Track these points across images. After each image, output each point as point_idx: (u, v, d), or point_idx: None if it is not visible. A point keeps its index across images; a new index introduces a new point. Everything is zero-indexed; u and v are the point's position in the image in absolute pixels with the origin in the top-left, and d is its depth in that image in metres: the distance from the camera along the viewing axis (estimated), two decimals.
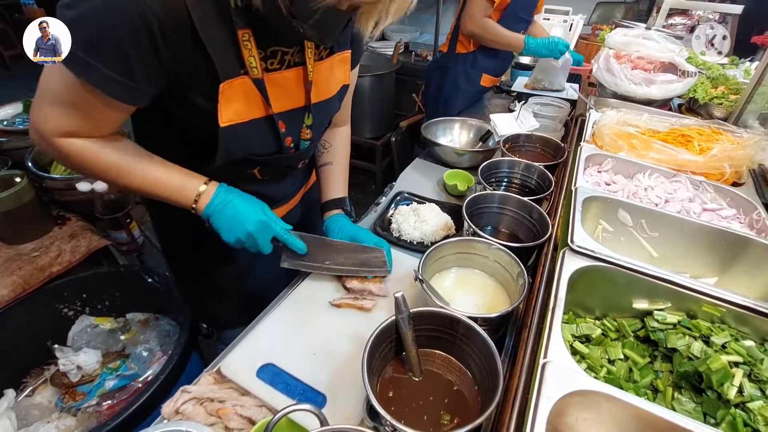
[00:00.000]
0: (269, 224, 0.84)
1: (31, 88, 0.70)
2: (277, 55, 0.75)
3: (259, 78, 0.72)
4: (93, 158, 0.73)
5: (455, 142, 1.73)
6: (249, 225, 0.80)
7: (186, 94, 0.70)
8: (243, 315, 1.11)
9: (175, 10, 0.60)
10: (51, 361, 1.42)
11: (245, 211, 0.81)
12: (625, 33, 1.79)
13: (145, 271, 1.49)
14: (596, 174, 1.10)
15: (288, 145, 0.86)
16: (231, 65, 0.69)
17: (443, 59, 2.25)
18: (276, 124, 0.79)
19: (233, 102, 0.72)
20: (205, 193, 0.79)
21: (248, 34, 0.68)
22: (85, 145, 0.72)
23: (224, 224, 0.80)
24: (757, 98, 1.42)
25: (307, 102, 0.84)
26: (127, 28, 0.58)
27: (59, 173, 1.70)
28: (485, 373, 0.66)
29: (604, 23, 3.38)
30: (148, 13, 0.57)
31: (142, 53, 0.61)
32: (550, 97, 1.98)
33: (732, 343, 0.64)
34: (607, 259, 0.71)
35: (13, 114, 2.00)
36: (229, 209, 0.80)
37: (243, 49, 0.68)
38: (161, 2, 0.58)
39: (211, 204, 0.80)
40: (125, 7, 0.56)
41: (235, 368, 0.77)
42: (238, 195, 0.83)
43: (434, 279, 0.91)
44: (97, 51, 0.59)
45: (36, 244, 1.52)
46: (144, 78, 0.64)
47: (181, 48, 0.64)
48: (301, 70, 0.80)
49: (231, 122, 0.73)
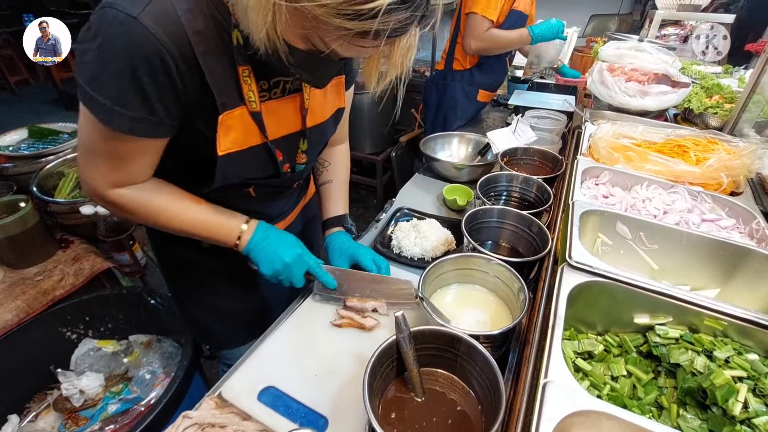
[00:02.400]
0: (304, 258, 0.90)
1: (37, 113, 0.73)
2: (279, 84, 0.79)
3: (257, 111, 0.75)
4: (145, 206, 0.78)
5: (454, 157, 1.75)
6: (287, 257, 0.87)
7: (191, 122, 0.73)
8: (245, 335, 1.11)
9: (183, 45, 0.62)
10: (54, 386, 1.41)
11: (283, 245, 0.88)
12: (618, 46, 1.82)
13: (148, 293, 1.49)
14: (594, 187, 1.10)
15: (285, 171, 0.89)
16: (230, 98, 0.71)
17: (440, 77, 2.27)
18: (272, 151, 0.82)
19: (231, 131, 0.74)
20: (246, 231, 0.86)
21: (248, 70, 0.71)
22: (133, 194, 0.76)
23: (264, 257, 0.87)
24: (752, 107, 1.43)
25: (303, 127, 0.87)
26: (146, 69, 0.60)
27: (63, 197, 1.72)
28: (488, 393, 0.65)
29: (599, 35, 3.44)
30: (163, 51, 0.60)
31: (161, 90, 0.64)
32: (546, 110, 2.00)
33: (735, 357, 0.63)
34: (605, 274, 0.71)
35: (19, 140, 2.04)
36: (268, 244, 0.87)
37: (243, 84, 0.71)
38: (173, 39, 0.61)
39: (251, 240, 0.86)
40: (144, 49, 0.59)
41: (236, 392, 0.77)
42: (276, 232, 0.90)
43: (435, 296, 0.91)
44: (120, 96, 0.62)
45: (40, 267, 1.53)
46: (165, 112, 0.67)
47: (191, 80, 0.66)
48: (298, 96, 0.83)
49: (229, 150, 0.75)
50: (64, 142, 1.98)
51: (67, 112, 5.35)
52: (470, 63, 2.15)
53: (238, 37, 0.67)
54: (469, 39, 1.96)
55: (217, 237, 0.86)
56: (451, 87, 2.20)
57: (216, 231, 0.85)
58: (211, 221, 0.84)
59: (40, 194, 1.66)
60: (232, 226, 0.86)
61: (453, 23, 2.09)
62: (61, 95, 5.56)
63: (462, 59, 2.12)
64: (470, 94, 2.21)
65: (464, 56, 2.11)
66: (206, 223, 0.84)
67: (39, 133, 2.07)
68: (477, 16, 1.86)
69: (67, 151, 1.91)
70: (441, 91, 2.24)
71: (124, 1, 0.59)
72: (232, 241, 0.86)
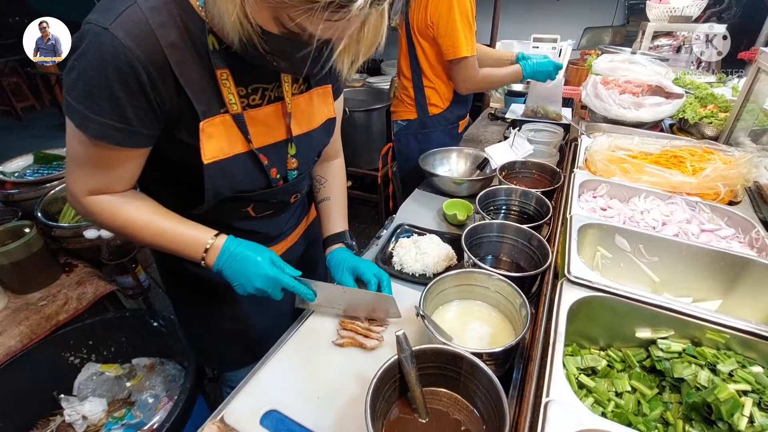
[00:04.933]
0: (276, 278, 0.85)
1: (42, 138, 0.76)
2: (258, 91, 0.80)
3: (238, 113, 0.77)
4: (112, 215, 0.78)
5: (453, 172, 1.76)
6: (256, 281, 0.83)
7: (173, 132, 0.75)
8: (249, 356, 1.11)
9: (155, 55, 0.65)
10: (57, 412, 1.40)
11: (252, 266, 0.83)
12: (611, 59, 1.85)
13: (151, 315, 1.50)
14: (591, 200, 1.11)
15: (274, 177, 0.89)
16: (210, 104, 0.74)
17: (418, 126, 1.99)
18: (258, 158, 0.83)
19: (214, 139, 0.76)
20: (212, 247, 0.82)
21: (226, 73, 0.73)
22: (107, 201, 0.77)
23: (234, 279, 0.83)
24: (746, 115, 1.44)
25: (289, 135, 0.88)
26: (116, 77, 0.63)
27: (67, 221, 1.74)
28: (492, 412, 0.64)
29: (593, 47, 3.49)
30: (134, 61, 0.63)
31: (134, 98, 0.66)
32: (543, 122, 2.02)
33: (739, 370, 0.62)
34: (605, 289, 0.71)
35: (24, 165, 2.07)
36: (236, 264, 0.83)
37: (222, 88, 0.73)
38: (143, 49, 0.64)
39: (219, 259, 0.82)
40: (114, 57, 0.62)
41: (238, 416, 0.76)
42: (246, 248, 0.84)
43: (436, 313, 0.91)
44: (93, 102, 0.65)
45: (43, 292, 1.54)
46: (138, 120, 0.69)
47: (166, 90, 0.69)
48: (280, 104, 0.85)
49: (215, 159, 0.76)
50: None
51: None
52: (447, 101, 1.95)
53: (213, 42, 0.70)
54: (463, 84, 1.80)
55: (184, 250, 0.83)
56: (434, 135, 1.99)
57: (184, 243, 0.82)
58: (176, 234, 0.82)
59: (45, 219, 1.68)
60: (199, 240, 0.82)
61: (406, 65, 1.88)
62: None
63: (439, 101, 1.92)
64: (453, 132, 2.06)
65: (440, 97, 1.92)
66: (172, 234, 0.81)
67: (44, 159, 2.11)
68: (468, 59, 1.69)
69: None
70: (423, 141, 2.00)
71: (99, 15, 0.63)
72: (199, 256, 0.82)
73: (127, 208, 0.79)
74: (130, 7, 0.63)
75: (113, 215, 0.78)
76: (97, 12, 0.64)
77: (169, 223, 0.82)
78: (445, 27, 1.64)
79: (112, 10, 0.63)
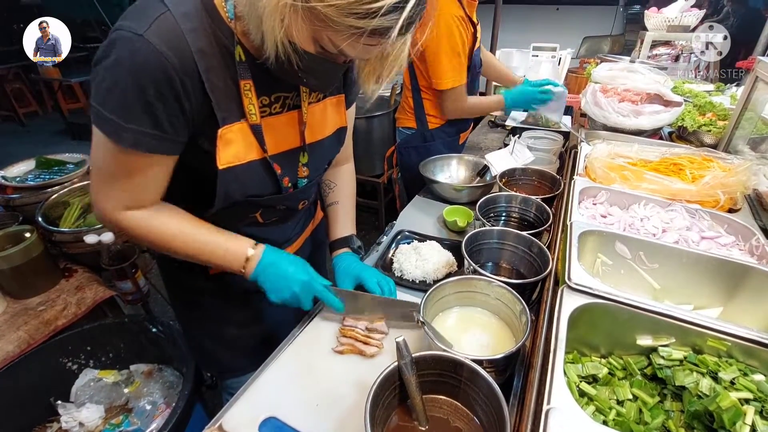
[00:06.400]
0: (312, 284, 0.89)
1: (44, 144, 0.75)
2: (279, 99, 0.81)
3: (257, 123, 0.77)
4: (147, 228, 0.78)
5: (453, 178, 1.77)
6: (294, 285, 0.86)
7: (195, 139, 0.75)
8: (250, 361, 1.10)
9: (187, 61, 0.65)
10: (53, 418, 1.39)
11: (290, 273, 0.87)
12: (611, 67, 1.86)
13: (150, 321, 1.49)
14: (592, 207, 1.11)
15: (286, 185, 0.89)
16: (231, 112, 0.74)
17: (417, 138, 2.01)
18: (272, 166, 0.83)
19: (231, 146, 0.76)
20: (253, 257, 0.85)
21: (249, 84, 0.74)
22: (142, 217, 0.77)
23: (271, 286, 0.86)
24: (745, 123, 1.45)
25: (302, 142, 0.89)
26: (151, 84, 0.63)
27: (68, 226, 1.74)
28: (492, 420, 0.64)
29: (592, 56, 3.52)
30: (169, 69, 0.63)
31: (167, 105, 0.66)
32: (543, 130, 2.03)
33: (741, 378, 0.62)
34: (605, 296, 0.71)
35: (26, 170, 2.08)
36: (275, 271, 0.86)
37: (243, 98, 0.74)
38: (178, 56, 0.64)
39: (259, 266, 0.86)
40: (150, 64, 0.62)
41: (236, 423, 0.76)
42: (283, 257, 0.89)
43: (436, 319, 0.91)
44: (126, 112, 0.64)
45: (42, 297, 1.54)
46: (171, 127, 0.69)
47: (195, 96, 0.69)
48: (296, 112, 0.86)
49: (229, 164, 0.77)
50: (70, 172, 2.02)
51: (73, 142, 5.47)
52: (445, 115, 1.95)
53: (240, 53, 0.70)
54: (449, 111, 1.85)
55: (224, 262, 0.85)
56: (434, 147, 1.99)
57: (222, 255, 0.84)
58: (216, 246, 0.84)
59: (45, 224, 1.68)
60: (239, 251, 0.85)
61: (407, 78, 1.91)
62: (69, 126, 5.70)
63: (438, 114, 1.94)
64: (454, 144, 2.06)
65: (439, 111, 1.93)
66: (213, 247, 0.84)
67: (46, 164, 2.12)
68: (455, 89, 1.72)
69: (74, 181, 1.95)
70: (423, 153, 1.97)
71: (132, 22, 0.62)
72: (239, 266, 0.85)
73: (164, 221, 0.80)
74: (164, 14, 0.63)
75: (148, 229, 0.78)
76: (129, 19, 0.63)
77: (207, 235, 0.84)
78: (433, 58, 1.67)
79: (146, 17, 0.62)
